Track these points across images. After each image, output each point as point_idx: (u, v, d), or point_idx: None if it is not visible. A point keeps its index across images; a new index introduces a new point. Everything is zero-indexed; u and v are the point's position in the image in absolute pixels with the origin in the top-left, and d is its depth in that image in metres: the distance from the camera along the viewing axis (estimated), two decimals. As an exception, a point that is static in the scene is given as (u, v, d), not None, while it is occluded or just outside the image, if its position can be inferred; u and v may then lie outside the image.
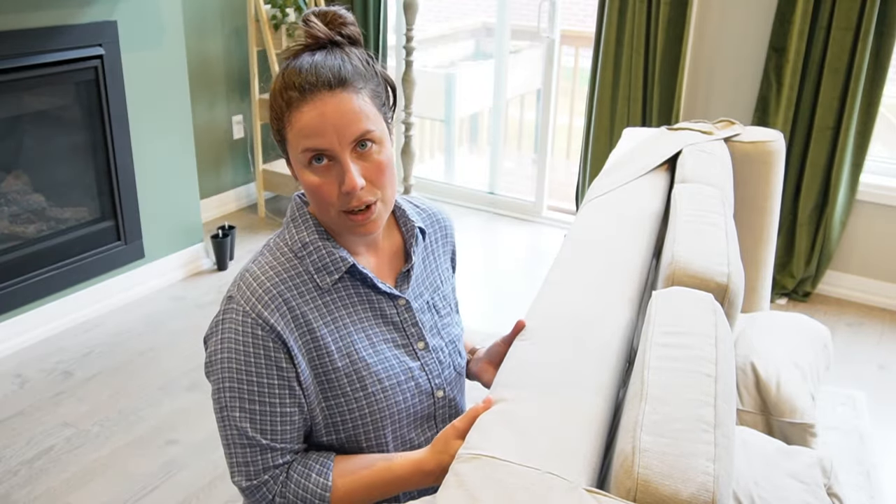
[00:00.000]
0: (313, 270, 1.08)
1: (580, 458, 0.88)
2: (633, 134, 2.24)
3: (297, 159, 1.03)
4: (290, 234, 1.10)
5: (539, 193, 4.01)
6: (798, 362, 1.69)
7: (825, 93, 3.00)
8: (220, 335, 1.04)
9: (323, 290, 1.08)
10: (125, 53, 2.91)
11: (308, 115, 0.99)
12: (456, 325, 1.25)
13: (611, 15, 3.30)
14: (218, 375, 1.04)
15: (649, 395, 0.93)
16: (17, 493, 2.10)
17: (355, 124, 1.00)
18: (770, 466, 1.35)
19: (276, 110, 1.04)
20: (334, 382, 1.07)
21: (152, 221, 3.17)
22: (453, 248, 1.32)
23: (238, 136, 4.00)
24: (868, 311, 3.20)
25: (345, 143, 1.00)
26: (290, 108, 1.01)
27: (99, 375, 2.64)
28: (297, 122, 1.00)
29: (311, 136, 0.99)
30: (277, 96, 1.03)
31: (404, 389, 1.11)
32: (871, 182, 3.14)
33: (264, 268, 1.06)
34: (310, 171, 1.02)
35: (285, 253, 1.08)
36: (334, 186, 1.02)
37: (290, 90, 1.00)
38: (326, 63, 1.01)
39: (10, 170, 2.76)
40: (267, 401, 1.03)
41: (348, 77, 1.01)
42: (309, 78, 0.99)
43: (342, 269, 1.08)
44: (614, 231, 1.54)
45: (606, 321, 1.20)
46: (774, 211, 2.09)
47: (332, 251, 1.08)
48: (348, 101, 1.00)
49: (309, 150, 1.00)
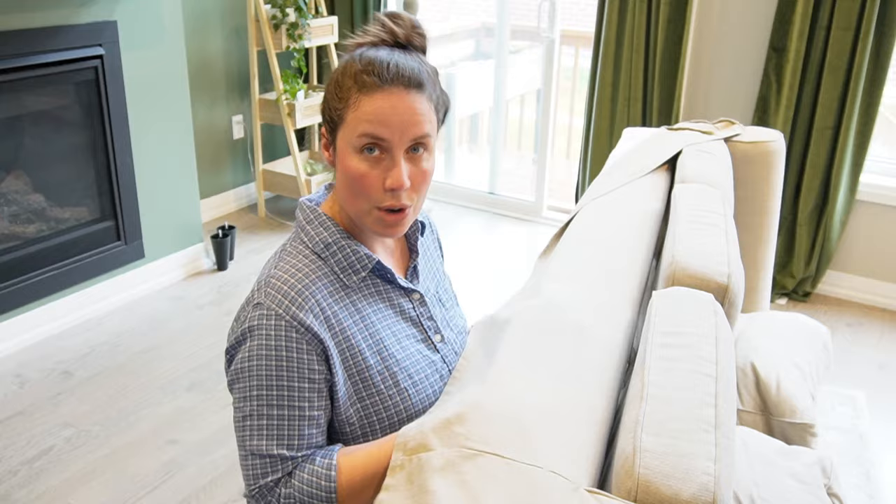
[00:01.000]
0: (338, 270, 1.08)
1: (581, 458, 0.88)
2: (633, 134, 2.24)
3: (348, 142, 1.03)
4: (310, 237, 1.10)
5: (539, 193, 4.01)
6: (798, 362, 1.69)
7: (825, 93, 3.00)
8: (251, 342, 1.02)
9: (349, 289, 1.08)
10: (125, 53, 2.91)
11: (380, 103, 1.00)
12: (461, 317, 1.28)
13: (611, 15, 3.30)
14: (245, 384, 1.03)
15: (649, 395, 0.93)
16: (17, 493, 2.10)
17: (420, 126, 1.02)
18: (770, 466, 1.35)
19: (340, 90, 1.04)
20: (368, 381, 1.07)
21: (152, 221, 3.17)
22: (439, 242, 1.34)
23: (238, 136, 4.00)
24: (868, 311, 3.20)
25: (404, 140, 1.02)
26: (361, 91, 1.01)
27: (99, 375, 2.64)
28: (365, 105, 1.01)
29: (377, 123, 1.00)
30: (348, 77, 1.03)
31: (432, 382, 1.13)
32: (871, 182, 3.14)
33: (290, 271, 1.05)
34: (359, 158, 1.03)
35: (308, 255, 1.08)
36: (379, 180, 1.03)
37: (367, 75, 1.01)
38: (408, 62, 1.04)
39: (10, 170, 2.76)
40: (296, 405, 1.02)
41: (424, 81, 1.04)
42: (391, 69, 1.02)
43: (368, 266, 1.09)
44: (614, 231, 1.54)
45: (606, 321, 1.20)
46: (774, 211, 2.09)
47: (357, 249, 1.09)
48: (420, 103, 1.03)
49: (368, 135, 1.01)
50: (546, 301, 1.21)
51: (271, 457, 1.03)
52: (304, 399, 1.03)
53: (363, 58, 1.04)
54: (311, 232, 1.10)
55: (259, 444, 1.03)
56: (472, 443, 0.89)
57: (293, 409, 1.02)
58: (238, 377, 1.04)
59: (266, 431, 1.02)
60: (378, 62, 1.02)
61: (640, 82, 3.33)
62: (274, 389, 1.02)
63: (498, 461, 0.85)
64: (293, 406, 1.02)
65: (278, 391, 1.02)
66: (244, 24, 3.87)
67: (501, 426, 0.93)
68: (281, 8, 3.59)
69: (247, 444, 1.03)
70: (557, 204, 4.09)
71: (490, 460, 0.85)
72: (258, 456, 1.03)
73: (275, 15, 3.60)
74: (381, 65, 1.02)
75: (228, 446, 2.31)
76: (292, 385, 1.02)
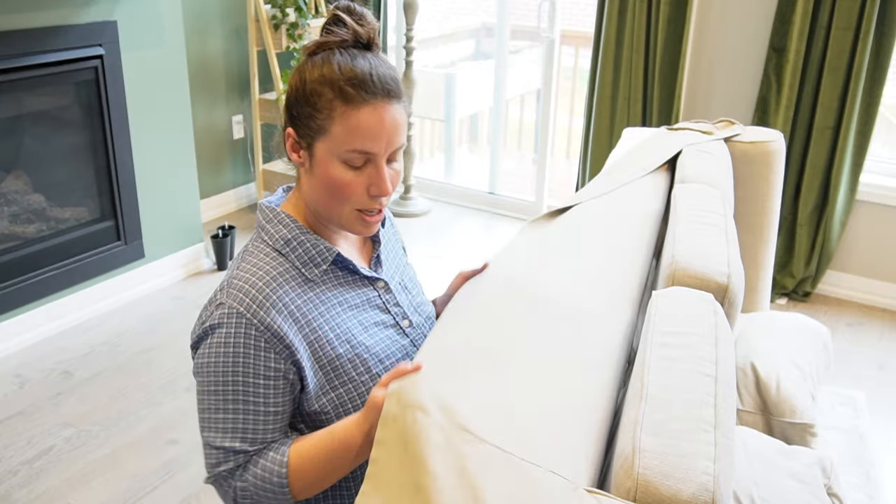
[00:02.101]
0: (300, 265, 1.10)
1: (581, 458, 0.88)
2: (633, 134, 2.24)
3: (333, 153, 1.05)
4: (269, 234, 1.12)
5: (539, 193, 4.01)
6: (798, 362, 1.69)
7: (825, 93, 3.00)
8: (210, 338, 1.05)
9: (312, 283, 1.10)
10: (125, 53, 2.91)
11: (368, 118, 1.03)
12: (427, 304, 1.30)
13: (611, 15, 3.30)
14: (204, 378, 1.06)
15: (649, 395, 0.93)
16: (17, 493, 2.10)
17: (401, 136, 1.07)
18: (770, 466, 1.35)
19: (319, 98, 1.04)
20: (339, 370, 1.09)
21: (152, 221, 3.17)
22: (398, 232, 1.37)
23: (238, 136, 4.00)
24: (868, 311, 3.20)
25: (389, 150, 1.06)
26: (347, 104, 1.03)
27: (99, 375, 2.64)
28: (351, 119, 1.03)
29: (367, 138, 1.03)
30: (327, 87, 1.04)
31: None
32: (871, 182, 3.14)
33: (251, 270, 1.07)
34: (344, 168, 1.06)
35: (269, 253, 1.10)
36: (362, 186, 1.06)
37: (352, 87, 1.03)
38: (385, 71, 1.06)
39: (10, 170, 2.76)
40: (251, 400, 1.05)
41: (402, 91, 1.08)
42: (375, 82, 1.04)
43: (328, 258, 1.12)
44: (614, 231, 1.54)
45: (606, 321, 1.20)
46: (774, 211, 2.09)
47: (316, 243, 1.11)
48: (401, 114, 1.07)
49: (358, 151, 1.04)
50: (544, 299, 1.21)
51: (224, 449, 1.05)
52: (260, 395, 1.05)
53: (342, 67, 1.04)
54: (270, 230, 1.12)
55: (214, 436, 1.06)
56: (473, 428, 0.88)
57: (248, 405, 1.05)
58: (198, 371, 1.07)
59: (221, 425, 1.05)
60: (361, 74, 1.04)
61: (640, 82, 3.33)
62: (230, 385, 1.04)
63: (499, 454, 0.85)
64: (248, 402, 1.04)
65: (234, 387, 1.04)
66: (244, 24, 3.87)
67: (502, 420, 0.93)
68: (281, 8, 3.59)
69: (204, 434, 1.07)
70: (557, 204, 4.09)
71: (492, 452, 0.85)
72: (213, 447, 1.06)
73: (275, 15, 3.60)
74: (365, 76, 1.04)
75: (228, 446, 2.31)
76: (248, 381, 1.04)
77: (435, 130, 5.04)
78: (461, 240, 3.77)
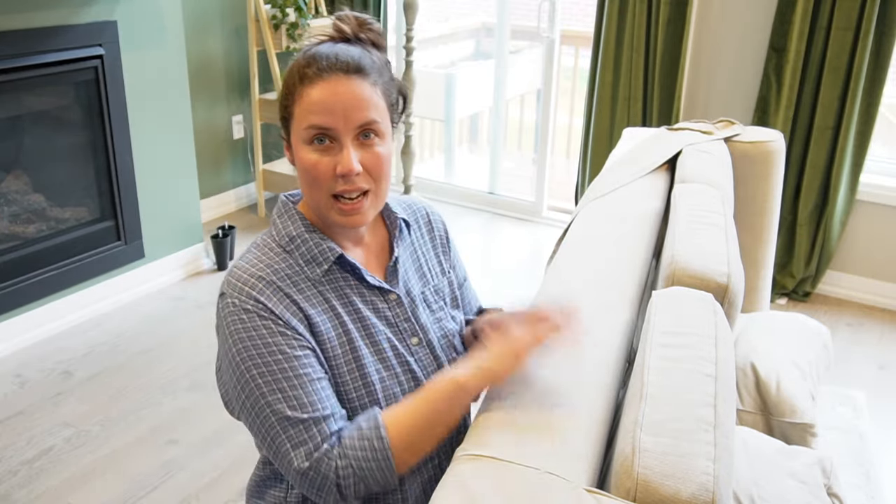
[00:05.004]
0: (303, 262, 1.09)
1: (580, 458, 0.88)
2: (633, 134, 2.24)
3: (299, 136, 1.04)
4: (277, 230, 1.11)
5: (539, 193, 4.01)
6: (798, 362, 1.69)
7: (825, 93, 3.00)
8: (226, 331, 1.03)
9: (315, 282, 1.09)
10: (125, 53, 2.91)
11: (320, 93, 1.02)
12: (450, 320, 1.22)
13: (611, 15, 3.30)
14: (241, 369, 1.01)
15: (649, 395, 0.93)
16: (17, 493, 2.10)
17: (363, 111, 1.03)
18: (770, 466, 1.35)
19: (287, 87, 1.06)
20: (335, 370, 1.07)
21: (152, 221, 3.17)
22: (444, 239, 1.29)
23: (238, 136, 4.00)
24: (868, 311, 3.20)
25: (350, 126, 1.02)
26: (302, 83, 1.03)
27: (99, 375, 2.64)
28: (307, 97, 1.03)
29: (319, 112, 1.02)
30: (293, 73, 1.05)
31: (402, 382, 1.11)
32: (871, 182, 3.14)
33: (252, 261, 1.07)
34: (309, 149, 1.04)
35: (273, 248, 1.09)
36: (330, 168, 1.03)
37: (308, 67, 1.03)
38: (348, 51, 1.05)
39: (10, 170, 2.76)
40: (300, 372, 1.01)
41: (366, 68, 1.04)
42: (329, 59, 1.03)
43: (330, 259, 1.09)
44: (614, 231, 1.54)
45: (606, 321, 1.20)
46: (774, 211, 2.09)
47: (320, 242, 1.10)
48: (361, 88, 1.03)
49: (314, 126, 1.02)
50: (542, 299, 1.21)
51: (303, 422, 0.99)
52: (304, 366, 1.02)
53: (306, 54, 1.06)
54: (279, 225, 1.12)
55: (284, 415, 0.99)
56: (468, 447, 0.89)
57: (298, 377, 1.01)
58: (229, 367, 1.04)
59: (286, 403, 0.99)
60: (318, 54, 1.04)
61: (640, 82, 3.33)
62: (270, 365, 1.00)
63: (496, 464, 0.85)
64: (297, 374, 1.01)
65: (276, 365, 1.00)
66: (244, 24, 3.87)
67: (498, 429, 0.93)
68: (281, 8, 3.59)
69: (271, 420, 1.00)
70: (557, 204, 4.09)
71: (488, 463, 0.85)
72: (289, 426, 0.99)
73: (275, 15, 3.60)
74: (320, 56, 1.04)
75: (228, 446, 2.31)
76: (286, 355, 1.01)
77: (435, 130, 5.03)
78: (461, 240, 3.77)
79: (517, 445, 0.88)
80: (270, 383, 1.00)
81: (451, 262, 1.29)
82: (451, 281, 1.27)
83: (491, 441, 0.89)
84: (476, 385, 1.01)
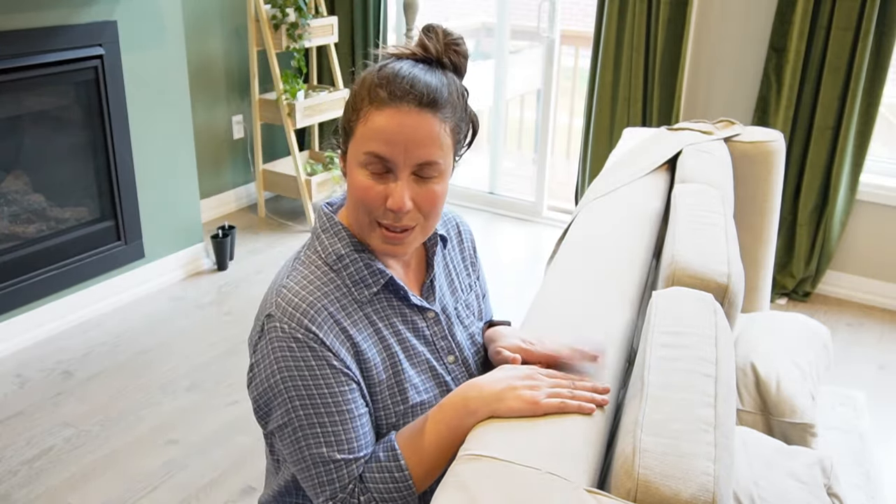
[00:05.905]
0: (350, 283, 1.05)
1: (580, 458, 0.88)
2: (633, 134, 2.24)
3: (355, 156, 1.01)
4: (324, 247, 1.07)
5: (539, 193, 4.01)
6: (798, 362, 1.69)
7: (825, 93, 3.00)
8: (272, 356, 1.00)
9: (361, 303, 1.06)
10: (125, 53, 2.91)
11: (386, 121, 0.97)
12: (480, 335, 1.22)
13: (611, 15, 3.30)
14: (284, 397, 1.00)
15: (649, 395, 0.93)
16: (17, 493, 2.10)
17: (426, 148, 0.98)
18: (770, 466, 1.35)
19: (355, 101, 1.01)
20: (377, 396, 1.05)
21: (152, 221, 3.17)
22: (472, 252, 1.28)
23: (238, 136, 4.00)
24: (868, 311, 3.20)
25: (409, 161, 0.98)
26: (372, 104, 0.98)
27: (99, 375, 2.64)
28: (371, 121, 0.98)
29: (381, 141, 0.97)
30: (364, 88, 1.00)
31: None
32: (871, 182, 3.14)
33: (302, 282, 1.03)
34: (364, 173, 1.00)
35: (320, 266, 1.05)
36: (381, 196, 0.99)
37: (381, 88, 0.98)
38: (426, 78, 0.99)
39: (10, 170, 2.76)
40: (343, 409, 1.00)
41: (440, 102, 0.99)
42: (404, 85, 0.97)
43: (380, 281, 1.06)
44: (614, 231, 1.54)
45: (606, 321, 1.20)
46: (774, 211, 2.09)
47: (370, 263, 1.06)
48: (430, 124, 0.98)
49: (372, 153, 0.98)
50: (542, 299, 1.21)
51: (335, 462, 1.00)
52: (349, 402, 1.01)
53: (383, 69, 1.00)
54: (325, 241, 1.07)
55: (319, 451, 1.00)
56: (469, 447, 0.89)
57: (342, 414, 1.00)
58: (273, 394, 1.01)
59: (323, 439, 1.00)
60: (393, 76, 0.98)
61: (640, 82, 3.33)
62: (316, 398, 0.99)
63: (496, 464, 0.85)
64: (340, 410, 1.00)
65: (321, 399, 0.99)
66: (244, 24, 3.87)
67: (498, 430, 0.93)
68: (281, 8, 3.59)
69: (305, 453, 1.01)
70: (557, 204, 4.09)
71: (488, 463, 0.85)
72: (321, 464, 1.01)
73: (275, 15, 3.60)
74: (395, 79, 0.98)
75: (228, 446, 2.31)
76: (332, 391, 1.00)
77: (435, 130, 5.02)
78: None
79: (517, 445, 0.88)
80: (312, 416, 1.00)
81: (476, 275, 1.28)
82: (477, 295, 1.26)
83: (491, 441, 0.89)
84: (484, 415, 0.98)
